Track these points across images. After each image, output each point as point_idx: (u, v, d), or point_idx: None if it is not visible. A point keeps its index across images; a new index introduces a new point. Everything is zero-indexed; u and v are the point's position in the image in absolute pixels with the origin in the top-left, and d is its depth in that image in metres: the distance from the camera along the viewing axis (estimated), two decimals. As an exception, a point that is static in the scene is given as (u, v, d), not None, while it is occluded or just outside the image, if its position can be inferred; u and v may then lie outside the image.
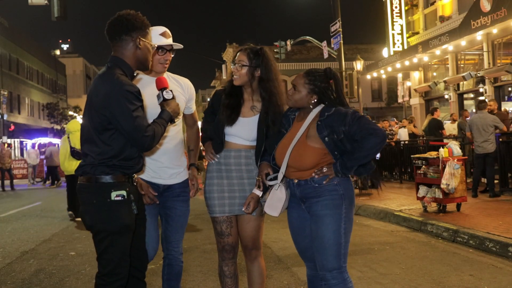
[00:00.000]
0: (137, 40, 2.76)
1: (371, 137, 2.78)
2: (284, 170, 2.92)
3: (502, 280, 4.62)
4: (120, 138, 2.67)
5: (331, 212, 2.84)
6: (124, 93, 2.60)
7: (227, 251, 3.18)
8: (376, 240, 6.54)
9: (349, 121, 2.81)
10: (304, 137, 2.90)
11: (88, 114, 2.73)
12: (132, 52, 2.77)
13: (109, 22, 2.79)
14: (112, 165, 2.68)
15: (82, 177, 2.74)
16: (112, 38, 2.78)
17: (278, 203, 2.94)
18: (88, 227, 2.77)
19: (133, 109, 2.60)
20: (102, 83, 2.68)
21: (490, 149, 9.31)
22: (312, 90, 2.94)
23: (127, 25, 2.74)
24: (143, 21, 2.80)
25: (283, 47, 24.15)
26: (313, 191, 2.87)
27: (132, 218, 2.74)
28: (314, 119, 2.94)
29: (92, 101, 2.70)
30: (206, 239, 6.89)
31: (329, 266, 2.82)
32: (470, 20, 13.58)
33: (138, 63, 2.82)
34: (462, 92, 17.98)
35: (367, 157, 2.82)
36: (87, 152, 2.73)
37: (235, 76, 3.14)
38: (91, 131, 2.70)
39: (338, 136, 2.82)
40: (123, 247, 2.71)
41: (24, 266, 5.85)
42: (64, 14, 14.41)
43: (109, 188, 2.67)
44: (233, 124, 3.12)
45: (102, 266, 2.71)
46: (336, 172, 2.83)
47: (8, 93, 37.00)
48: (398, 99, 23.55)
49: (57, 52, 68.00)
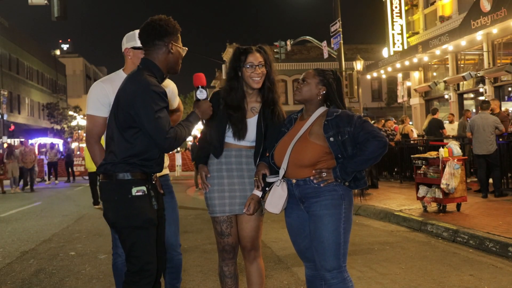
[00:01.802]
0: (170, 45, 2.82)
1: (374, 140, 2.81)
2: (286, 166, 2.92)
3: (502, 280, 4.62)
4: (144, 138, 2.71)
5: (330, 212, 2.84)
6: (150, 92, 2.64)
7: (227, 251, 3.18)
8: (376, 240, 6.54)
9: (355, 123, 2.85)
10: (307, 133, 2.93)
11: (114, 113, 2.78)
12: (164, 57, 2.84)
13: (142, 27, 2.86)
14: (133, 163, 2.72)
15: (103, 175, 2.79)
16: (145, 42, 2.85)
17: (279, 200, 2.95)
18: (111, 224, 2.82)
19: (156, 109, 2.63)
20: (130, 83, 2.75)
21: (490, 150, 9.31)
22: (321, 81, 3.00)
23: (160, 30, 2.80)
24: (175, 26, 2.87)
25: (283, 47, 24.16)
26: (313, 191, 2.88)
27: (154, 212, 2.79)
28: (318, 117, 2.96)
29: (120, 99, 2.75)
30: (206, 239, 6.89)
31: (329, 266, 2.83)
32: (470, 20, 13.59)
33: (169, 67, 2.88)
34: (462, 92, 17.99)
35: (367, 161, 2.83)
36: (110, 150, 2.79)
37: (257, 78, 3.07)
38: (115, 129, 2.76)
39: (342, 137, 2.84)
40: (149, 242, 2.76)
41: (24, 266, 5.85)
42: (64, 14, 14.42)
43: (129, 185, 2.72)
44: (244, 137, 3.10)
45: (132, 264, 2.75)
46: (335, 178, 2.84)
47: (8, 93, 37.01)
48: (398, 99, 23.55)
49: (57, 52, 68.00)
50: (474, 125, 9.51)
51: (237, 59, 3.12)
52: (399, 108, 28.71)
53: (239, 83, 3.12)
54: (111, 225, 2.83)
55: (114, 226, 2.80)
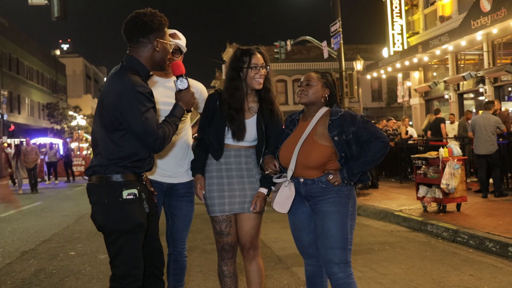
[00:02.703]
0: (155, 42, 2.68)
1: (377, 141, 2.89)
2: (294, 167, 2.95)
3: (502, 280, 4.62)
4: (132, 140, 2.62)
5: (338, 209, 2.91)
6: (135, 94, 2.53)
7: (226, 250, 3.19)
8: (376, 240, 6.54)
9: (359, 123, 2.93)
10: (312, 134, 2.97)
11: (99, 114, 2.67)
12: (150, 54, 2.70)
13: (125, 21, 2.72)
14: (123, 165, 2.64)
15: (93, 177, 2.70)
16: (129, 39, 2.72)
17: (287, 201, 3.00)
18: (99, 227, 2.71)
19: (143, 110, 2.53)
20: (113, 83, 2.62)
21: (491, 150, 9.29)
22: (325, 83, 3.08)
23: (145, 27, 2.66)
24: (161, 20, 2.70)
25: (283, 47, 24.16)
26: (320, 191, 2.94)
27: (144, 216, 2.70)
28: (322, 117, 3.01)
29: (104, 100, 2.63)
30: (206, 239, 6.89)
31: (337, 259, 2.88)
32: (470, 20, 13.59)
33: (154, 65, 2.75)
34: (462, 92, 17.98)
35: (372, 162, 2.93)
36: (98, 152, 2.70)
37: (260, 80, 3.10)
38: (102, 131, 2.66)
39: (347, 136, 2.91)
40: (137, 247, 2.68)
41: (24, 266, 5.84)
42: (64, 14, 14.41)
43: (120, 187, 2.62)
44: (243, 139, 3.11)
45: (117, 268, 2.66)
46: (342, 179, 2.91)
47: (8, 93, 37.00)
48: (398, 99, 23.54)
49: (57, 52, 68.01)
50: (475, 125, 9.48)
51: (239, 60, 3.12)
52: (399, 108, 28.70)
53: (241, 83, 3.13)
54: (99, 228, 2.70)
55: (102, 229, 2.68)
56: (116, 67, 2.75)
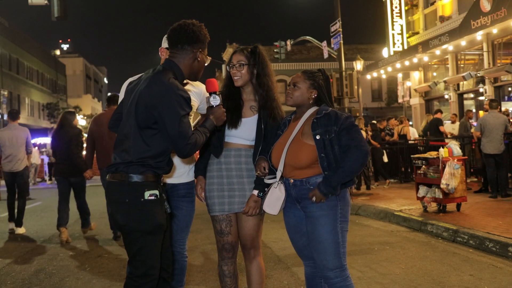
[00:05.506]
0: (197, 53, 2.81)
1: (355, 150, 2.79)
2: (282, 168, 2.94)
3: (502, 280, 4.62)
4: (161, 140, 2.66)
5: (326, 213, 2.87)
6: (177, 96, 2.59)
7: (226, 250, 3.19)
8: (376, 240, 6.54)
9: (342, 123, 2.85)
10: (299, 134, 2.95)
11: (133, 110, 2.70)
12: (190, 63, 2.81)
13: (173, 28, 2.83)
14: (147, 165, 2.67)
15: (114, 175, 2.71)
16: (173, 44, 2.82)
17: (277, 202, 2.97)
18: (119, 226, 2.74)
19: (182, 114, 2.59)
20: (155, 82, 2.66)
21: (501, 149, 9.23)
22: (312, 85, 3.01)
23: (192, 36, 2.78)
24: (206, 34, 2.85)
25: (283, 47, 24.16)
26: (308, 193, 2.90)
27: (164, 217, 2.74)
28: (310, 117, 2.98)
29: (142, 97, 2.67)
30: (206, 239, 6.89)
31: (331, 265, 2.85)
32: (470, 20, 13.59)
33: (191, 73, 2.87)
34: (462, 92, 17.99)
35: (351, 173, 2.83)
36: (123, 149, 2.71)
37: (236, 77, 3.17)
38: (133, 127, 2.69)
39: (330, 136, 2.85)
40: (156, 248, 2.71)
41: (24, 266, 5.85)
42: (64, 14, 14.40)
43: (142, 188, 2.65)
44: (237, 126, 3.14)
45: (135, 268, 2.69)
46: (324, 195, 2.81)
47: (8, 93, 37.00)
48: (398, 99, 23.56)
49: (57, 52, 68.09)
50: (486, 124, 9.28)
51: (229, 59, 3.27)
52: (399, 108, 28.72)
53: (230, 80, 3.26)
54: (119, 227, 2.75)
55: (122, 229, 2.72)
56: (149, 70, 2.86)
